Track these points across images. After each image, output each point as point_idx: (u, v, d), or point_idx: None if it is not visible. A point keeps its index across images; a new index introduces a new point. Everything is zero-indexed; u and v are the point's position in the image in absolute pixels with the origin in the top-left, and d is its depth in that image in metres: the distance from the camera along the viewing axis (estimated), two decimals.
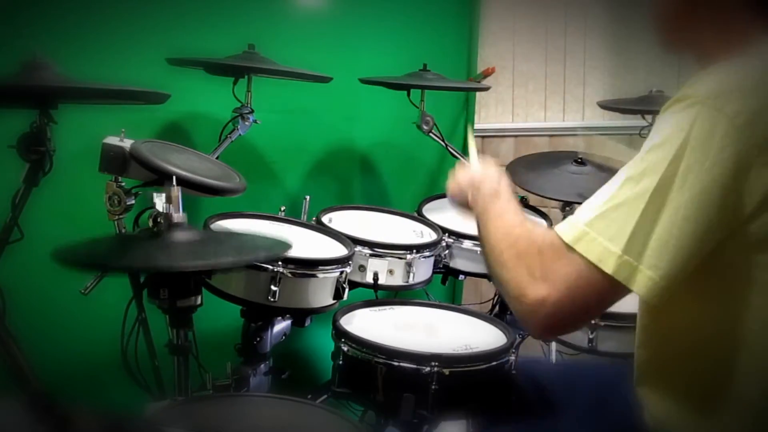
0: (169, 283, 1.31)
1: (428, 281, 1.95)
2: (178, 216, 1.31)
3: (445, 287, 2.37)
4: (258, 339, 1.73)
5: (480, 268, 2.04)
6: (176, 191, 1.31)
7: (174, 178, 1.35)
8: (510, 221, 1.03)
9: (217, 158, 1.84)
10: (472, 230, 2.03)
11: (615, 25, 2.76)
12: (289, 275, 1.57)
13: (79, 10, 1.71)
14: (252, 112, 1.94)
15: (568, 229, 0.90)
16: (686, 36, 1.00)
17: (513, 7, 3.10)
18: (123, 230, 1.48)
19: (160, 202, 1.31)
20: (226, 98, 1.91)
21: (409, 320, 1.68)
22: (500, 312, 2.28)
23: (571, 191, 2.26)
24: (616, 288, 0.86)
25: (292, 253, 1.41)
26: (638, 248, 0.84)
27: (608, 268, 0.85)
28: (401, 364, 1.41)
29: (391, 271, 1.83)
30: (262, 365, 1.74)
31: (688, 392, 0.96)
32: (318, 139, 2.41)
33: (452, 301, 2.86)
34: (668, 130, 0.85)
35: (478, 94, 3.07)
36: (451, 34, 2.91)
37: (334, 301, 1.68)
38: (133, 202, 1.47)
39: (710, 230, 0.84)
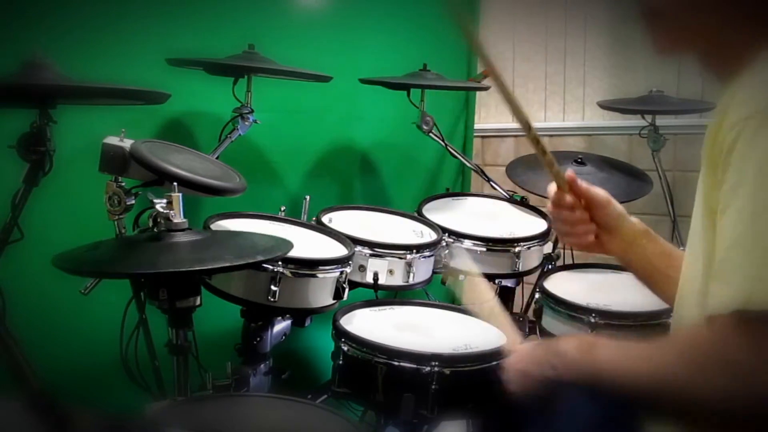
0: (168, 283, 1.31)
1: (428, 281, 1.95)
2: (178, 219, 1.31)
3: (445, 287, 2.36)
4: (258, 339, 1.73)
5: (480, 268, 2.03)
6: (177, 196, 1.31)
7: (175, 183, 1.35)
8: (641, 353, 0.90)
9: (217, 158, 1.84)
10: (472, 230, 2.06)
11: (615, 25, 2.76)
12: (289, 275, 1.56)
13: (79, 10, 1.70)
14: (252, 112, 1.94)
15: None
16: (693, 41, 0.98)
17: (513, 7, 3.10)
18: (123, 230, 1.48)
19: (160, 204, 1.31)
20: (226, 98, 1.91)
21: (409, 320, 1.68)
22: None
23: None
24: None
25: (292, 253, 1.41)
26: None
27: None
28: (401, 364, 1.41)
29: (391, 271, 1.83)
30: (262, 365, 1.74)
31: None
32: (318, 139, 2.41)
33: (452, 301, 2.85)
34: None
35: (478, 94, 3.07)
36: (451, 34, 2.90)
37: (334, 301, 1.68)
38: (133, 202, 1.47)
39: None
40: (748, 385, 0.77)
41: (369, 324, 1.61)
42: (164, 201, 1.31)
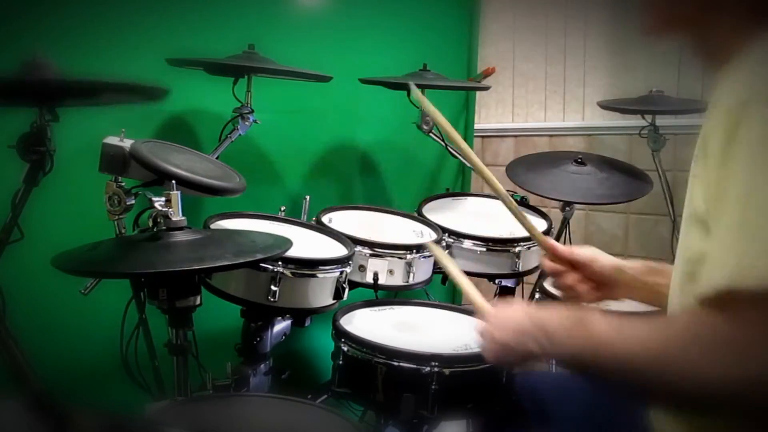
0: (167, 283, 1.31)
1: (428, 281, 1.95)
2: (177, 217, 1.32)
3: (445, 287, 2.37)
4: (258, 339, 1.73)
5: (480, 268, 2.04)
6: (175, 194, 1.31)
7: (173, 182, 1.35)
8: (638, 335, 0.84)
9: (217, 158, 1.84)
10: (473, 230, 2.06)
11: (615, 25, 2.76)
12: (289, 275, 1.56)
13: (79, 10, 1.70)
14: (252, 112, 1.94)
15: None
16: (688, 26, 0.98)
17: (513, 7, 3.10)
18: (123, 230, 1.49)
19: (158, 202, 1.31)
20: (226, 98, 1.91)
21: (409, 320, 1.68)
22: None
23: (571, 191, 2.26)
24: None
25: (292, 253, 1.41)
26: None
27: None
28: (401, 364, 1.41)
29: (391, 271, 1.83)
30: (262, 365, 1.74)
31: None
32: (318, 139, 2.41)
33: (452, 301, 2.86)
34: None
35: (478, 94, 3.07)
36: (451, 34, 2.91)
37: (334, 301, 1.68)
38: (133, 202, 1.47)
39: None
40: (743, 365, 0.73)
41: (369, 324, 1.61)
42: (163, 199, 1.32)
